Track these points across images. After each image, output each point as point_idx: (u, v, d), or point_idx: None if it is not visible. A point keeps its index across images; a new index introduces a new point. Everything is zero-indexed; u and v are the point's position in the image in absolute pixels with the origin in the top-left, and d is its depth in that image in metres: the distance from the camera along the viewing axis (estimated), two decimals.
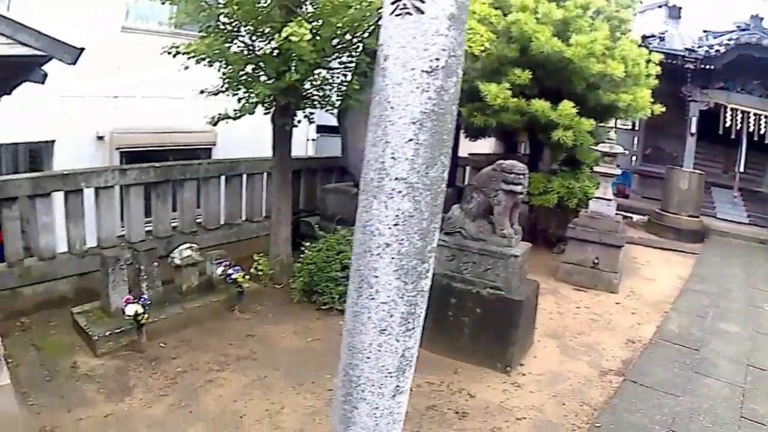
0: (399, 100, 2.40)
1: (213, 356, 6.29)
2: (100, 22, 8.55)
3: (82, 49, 4.21)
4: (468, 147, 13.04)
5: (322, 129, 13.29)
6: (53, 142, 9.09)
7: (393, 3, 2.43)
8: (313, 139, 13.38)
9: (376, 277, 2.55)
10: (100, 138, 9.40)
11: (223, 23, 7.20)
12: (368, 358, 2.70)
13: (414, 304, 2.65)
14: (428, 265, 2.65)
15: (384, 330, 2.64)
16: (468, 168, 13.47)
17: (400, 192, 2.43)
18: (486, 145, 14.35)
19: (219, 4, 6.93)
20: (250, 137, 10.14)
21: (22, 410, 4.82)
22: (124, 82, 9.32)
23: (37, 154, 9.99)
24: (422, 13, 2.37)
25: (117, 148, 9.68)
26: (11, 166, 10.86)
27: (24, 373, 5.74)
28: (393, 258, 2.51)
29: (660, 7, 18.45)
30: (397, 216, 2.46)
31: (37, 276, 7.21)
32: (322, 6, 6.64)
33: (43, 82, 4.45)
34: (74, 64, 4.23)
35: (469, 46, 7.33)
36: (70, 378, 5.74)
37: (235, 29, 7.30)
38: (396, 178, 2.43)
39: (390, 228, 2.48)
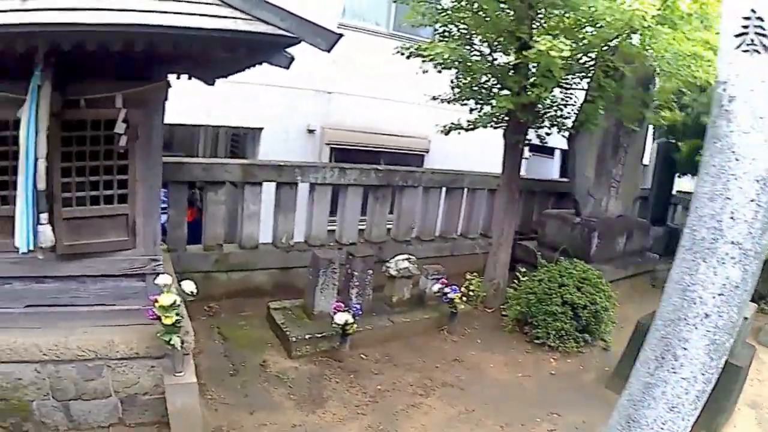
0: (746, 152, 2.19)
1: (417, 378, 6.10)
2: (318, 16, 8.75)
3: (340, 36, 3.98)
4: (676, 184, 12.71)
5: (532, 148, 12.99)
6: (261, 129, 9.49)
7: (738, 35, 2.21)
8: (525, 158, 13.07)
9: (685, 349, 2.35)
10: (311, 131, 9.79)
11: (458, 28, 7.19)
12: None
13: (709, 382, 2.45)
14: (733, 340, 2.43)
15: (674, 407, 2.44)
16: (679, 206, 12.91)
17: (732, 258, 2.22)
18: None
19: (456, 7, 6.92)
20: (459, 150, 10.14)
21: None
22: (339, 78, 9.64)
23: (240, 139, 10.50)
24: None
25: (327, 143, 10.01)
26: (210, 149, 11.47)
27: (206, 362, 5.63)
28: (708, 331, 2.31)
29: None
30: (723, 285, 2.25)
31: (234, 263, 7.39)
32: (559, 20, 6.44)
33: (287, 67, 4.16)
34: (329, 51, 3.98)
35: (696, 77, 6.74)
36: (257, 376, 5.63)
37: (469, 37, 7.25)
38: (732, 242, 2.22)
39: (714, 297, 2.27)
